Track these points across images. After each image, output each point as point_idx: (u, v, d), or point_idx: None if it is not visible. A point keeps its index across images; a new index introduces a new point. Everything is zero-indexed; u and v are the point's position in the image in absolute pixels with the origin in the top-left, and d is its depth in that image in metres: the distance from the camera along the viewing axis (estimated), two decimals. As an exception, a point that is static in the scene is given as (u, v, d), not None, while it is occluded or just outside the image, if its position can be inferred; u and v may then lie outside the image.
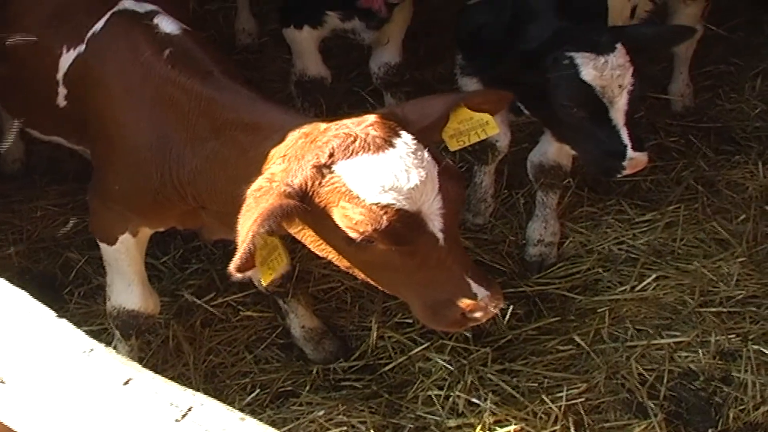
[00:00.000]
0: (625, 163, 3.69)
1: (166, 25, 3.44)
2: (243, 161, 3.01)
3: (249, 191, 2.81)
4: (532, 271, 4.55)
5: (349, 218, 2.73)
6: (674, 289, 4.37)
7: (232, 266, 2.73)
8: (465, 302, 2.83)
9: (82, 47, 3.59)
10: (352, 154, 2.75)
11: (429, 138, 2.93)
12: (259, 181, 2.82)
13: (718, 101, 5.62)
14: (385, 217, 2.70)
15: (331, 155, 2.77)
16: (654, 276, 4.41)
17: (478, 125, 3.04)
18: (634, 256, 4.56)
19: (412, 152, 2.77)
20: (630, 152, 3.67)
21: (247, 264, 2.73)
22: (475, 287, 2.82)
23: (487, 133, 3.08)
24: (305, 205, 2.77)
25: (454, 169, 2.90)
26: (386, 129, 2.81)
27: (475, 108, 3.04)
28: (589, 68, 3.60)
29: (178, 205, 3.41)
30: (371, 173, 2.71)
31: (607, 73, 3.60)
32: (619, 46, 3.63)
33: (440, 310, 2.88)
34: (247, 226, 2.72)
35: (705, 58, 5.89)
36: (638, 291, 4.37)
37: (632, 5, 4.55)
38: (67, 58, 3.64)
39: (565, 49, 3.61)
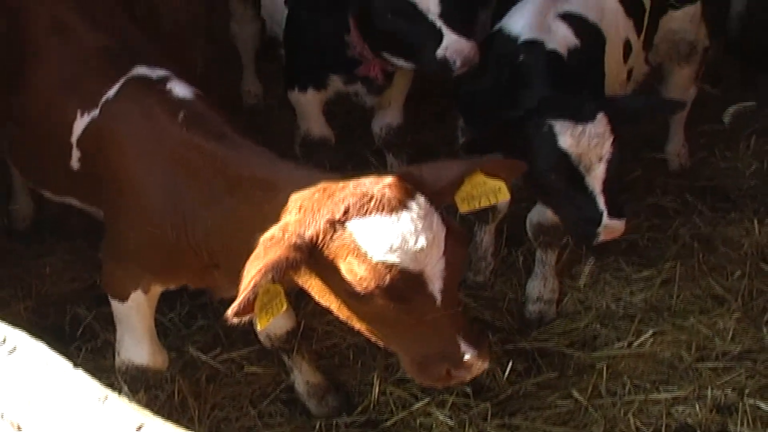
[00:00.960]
0: (600, 230, 3.78)
1: (179, 89, 3.59)
2: (258, 217, 3.11)
3: (261, 239, 2.93)
4: (532, 327, 4.64)
5: (354, 273, 2.86)
6: (671, 345, 4.46)
7: (231, 311, 2.84)
8: (452, 360, 2.94)
9: (96, 112, 3.72)
10: (366, 212, 2.88)
11: (442, 200, 3.07)
12: (273, 230, 2.95)
13: (713, 160, 5.75)
14: (388, 276, 2.83)
15: (346, 212, 2.90)
16: (651, 332, 4.50)
17: (490, 191, 3.18)
18: (631, 312, 4.66)
19: (423, 215, 2.90)
20: (606, 219, 3.75)
21: (246, 310, 2.85)
22: (465, 346, 2.93)
23: (498, 199, 3.22)
24: (314, 257, 2.89)
25: (460, 233, 3.03)
26: (402, 190, 2.94)
27: (489, 174, 3.17)
28: (567, 136, 3.72)
29: (192, 263, 3.53)
30: (381, 232, 2.84)
31: (584, 141, 3.70)
32: (600, 116, 3.73)
33: (428, 365, 3.00)
34: (251, 274, 2.83)
35: (700, 117, 6.02)
36: (635, 347, 4.46)
37: (628, 68, 4.66)
38: (81, 123, 3.77)
39: (546, 116, 3.74)
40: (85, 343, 4.54)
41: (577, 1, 4.33)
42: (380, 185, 2.94)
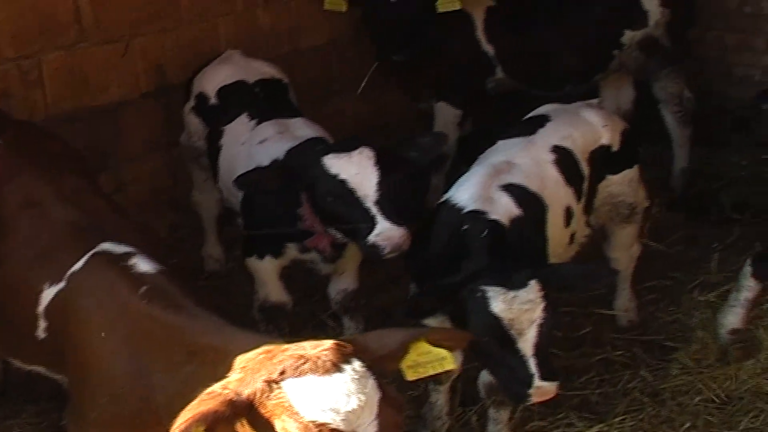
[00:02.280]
0: (531, 391, 3.94)
1: (142, 265, 3.77)
2: (214, 381, 3.21)
3: (202, 393, 3.07)
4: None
5: (287, 431, 2.99)
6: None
7: None
8: None
9: (62, 284, 3.90)
10: (300, 373, 3.02)
11: (386, 366, 3.22)
12: (215, 386, 3.09)
13: (659, 314, 5.99)
14: None
15: (282, 372, 3.02)
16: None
17: (436, 359, 3.31)
18: (584, 466, 4.82)
19: (357, 378, 3.04)
20: (537, 381, 3.91)
21: None
22: None
23: (444, 368, 3.34)
24: (252, 414, 3.01)
25: (395, 400, 3.15)
26: (339, 355, 3.09)
27: (434, 343, 3.31)
28: (499, 302, 3.92)
29: (154, 430, 3.61)
30: (314, 393, 2.97)
31: (516, 306, 3.91)
32: (532, 282, 3.95)
33: None
34: (179, 422, 2.96)
35: (647, 273, 6.32)
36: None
37: (570, 233, 4.92)
38: (48, 294, 3.94)
39: (480, 282, 3.97)
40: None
41: (518, 172, 4.64)
42: (318, 349, 3.09)
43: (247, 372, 3.12)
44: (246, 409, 3.02)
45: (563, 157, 4.88)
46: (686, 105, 7.32)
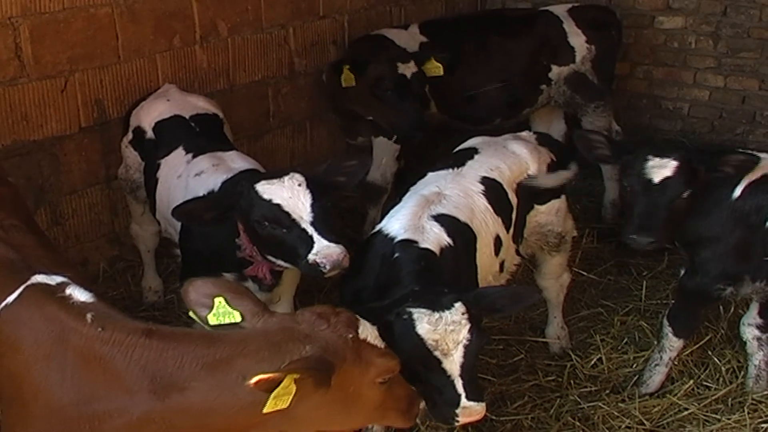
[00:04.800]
0: (458, 411, 4.02)
1: (79, 294, 3.76)
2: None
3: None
4: None
5: None
6: None
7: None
8: None
9: None
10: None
11: None
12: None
13: (591, 340, 6.21)
14: None
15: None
16: None
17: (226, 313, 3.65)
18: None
19: None
20: (464, 401, 4.00)
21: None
22: None
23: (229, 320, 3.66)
24: None
25: None
26: None
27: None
28: (424, 323, 4.00)
29: None
30: None
31: (440, 327, 3.99)
32: (457, 304, 4.04)
33: None
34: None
35: (579, 302, 6.58)
36: None
37: (500, 261, 5.08)
38: None
39: (407, 305, 4.06)
40: None
41: (448, 203, 4.81)
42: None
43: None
44: None
45: (491, 188, 5.06)
46: (615, 138, 7.57)
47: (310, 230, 4.52)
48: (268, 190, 4.60)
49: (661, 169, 4.92)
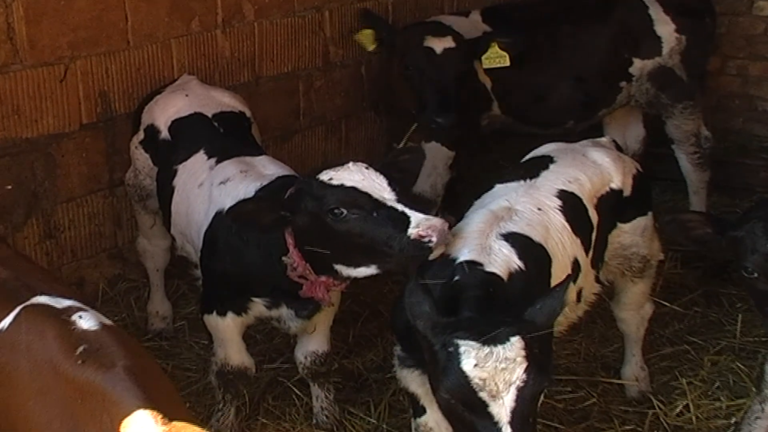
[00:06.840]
0: None
1: (85, 321, 3.79)
2: None
3: None
4: None
5: None
6: None
7: None
8: None
9: None
10: None
11: None
12: None
13: (675, 384, 6.03)
14: None
15: None
16: None
17: None
18: None
19: None
20: None
21: None
22: None
23: None
24: None
25: None
26: None
27: None
28: (470, 357, 3.87)
29: None
30: None
31: (490, 365, 3.86)
32: (514, 339, 3.89)
33: None
34: None
35: (661, 337, 6.44)
36: None
37: (577, 289, 4.95)
38: None
39: (455, 335, 3.92)
40: None
41: (520, 220, 4.66)
42: None
43: None
44: None
45: (570, 203, 4.94)
46: (703, 145, 7.46)
47: (400, 207, 4.41)
48: (336, 176, 4.52)
49: None
